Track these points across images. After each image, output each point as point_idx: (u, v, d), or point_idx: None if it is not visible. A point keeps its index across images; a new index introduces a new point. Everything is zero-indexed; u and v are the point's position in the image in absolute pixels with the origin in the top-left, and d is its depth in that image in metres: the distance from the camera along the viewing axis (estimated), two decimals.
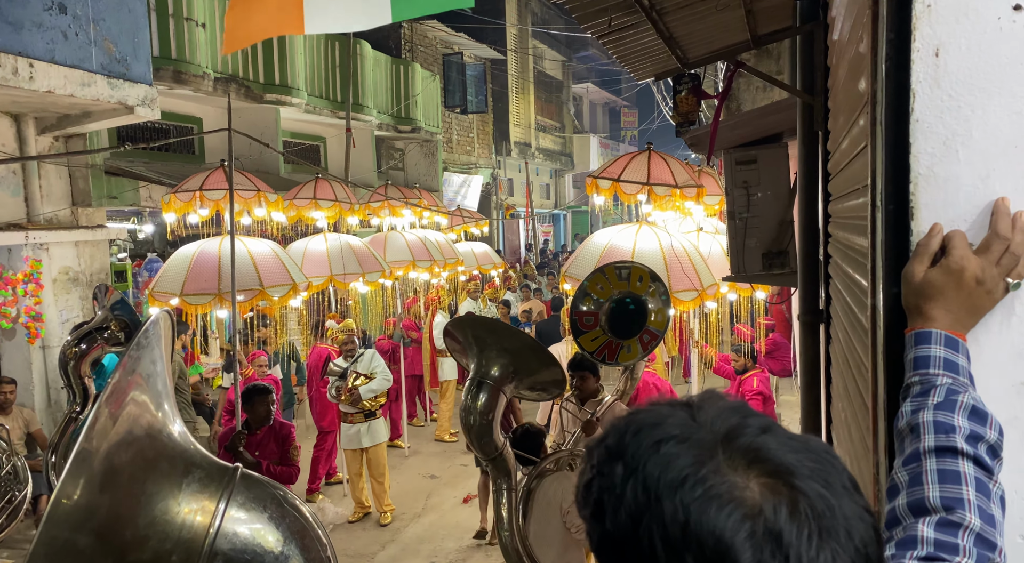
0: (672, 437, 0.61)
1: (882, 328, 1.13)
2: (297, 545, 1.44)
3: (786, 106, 3.72)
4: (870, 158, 1.32)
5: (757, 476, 0.58)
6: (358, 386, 6.68)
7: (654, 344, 4.45)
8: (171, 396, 1.52)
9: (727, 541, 0.55)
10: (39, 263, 6.34)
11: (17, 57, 5.04)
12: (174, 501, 1.36)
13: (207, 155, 9.50)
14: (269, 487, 1.51)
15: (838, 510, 0.57)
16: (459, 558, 5.99)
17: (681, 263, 5.52)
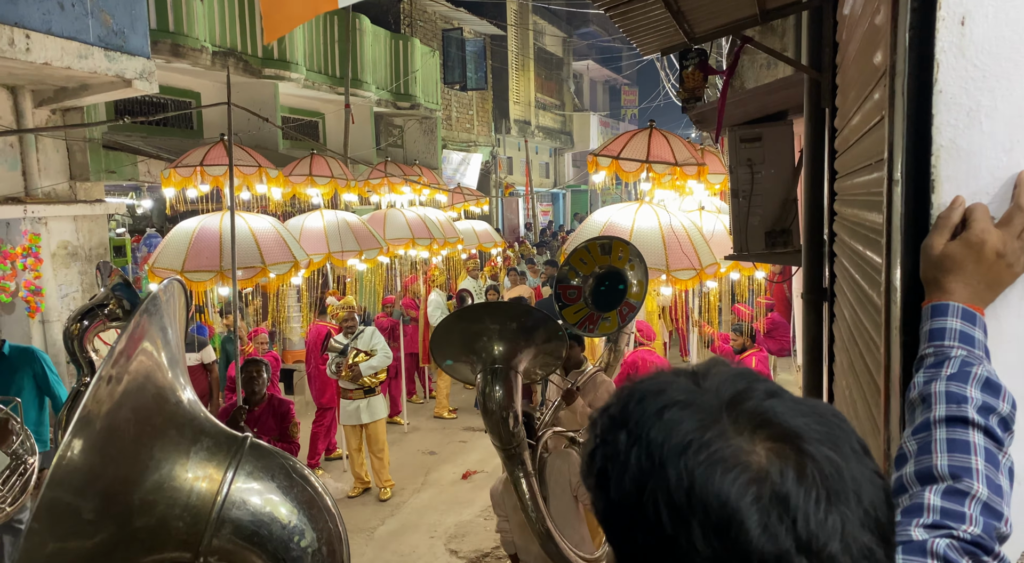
0: (676, 403, 0.60)
1: (899, 305, 1.12)
2: (305, 514, 1.44)
3: (793, 83, 3.68)
4: (887, 131, 1.31)
5: (763, 440, 0.57)
6: (358, 363, 6.70)
7: (632, 316, 4.53)
8: (181, 364, 1.51)
9: (733, 505, 0.54)
10: (38, 237, 6.30)
11: (13, 28, 4.96)
12: (182, 467, 1.36)
13: (205, 130, 9.42)
14: (278, 457, 1.51)
15: (847, 473, 0.56)
16: (458, 533, 6.04)
17: (680, 241, 5.52)
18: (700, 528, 0.54)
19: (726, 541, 0.53)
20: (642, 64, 25.48)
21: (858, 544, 0.54)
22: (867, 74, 1.80)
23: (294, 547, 1.40)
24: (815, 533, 0.53)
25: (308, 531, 1.42)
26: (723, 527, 0.53)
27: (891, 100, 1.27)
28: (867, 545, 0.54)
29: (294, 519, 1.42)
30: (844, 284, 2.46)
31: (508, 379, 3.53)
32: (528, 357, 3.69)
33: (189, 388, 1.50)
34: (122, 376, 1.32)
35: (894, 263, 1.24)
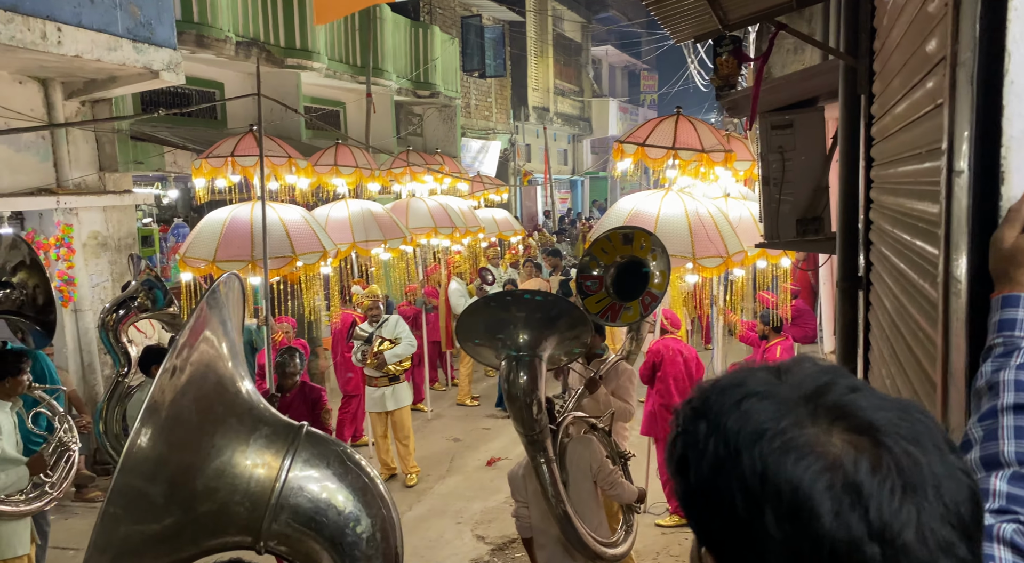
0: (755, 394, 0.61)
1: (963, 298, 1.12)
2: (360, 501, 1.48)
3: (826, 69, 3.64)
4: (947, 121, 1.30)
5: (841, 431, 0.58)
6: (383, 350, 6.76)
7: (654, 305, 4.53)
8: (240, 355, 1.55)
9: (805, 491, 0.54)
10: (70, 228, 6.40)
11: (45, 21, 5.02)
12: (242, 455, 1.40)
13: (229, 120, 9.48)
14: (333, 445, 1.54)
15: (926, 468, 0.56)
16: (484, 519, 6.10)
17: (706, 229, 5.48)
18: (773, 513, 0.55)
19: (798, 526, 0.55)
20: (662, 49, 25.23)
21: (936, 537, 0.54)
22: (917, 62, 1.78)
23: (349, 532, 1.43)
24: (888, 522, 0.53)
25: (363, 517, 1.46)
26: (795, 512, 0.55)
27: (952, 89, 1.26)
28: (947, 538, 0.54)
29: (350, 505, 1.46)
30: (884, 273, 2.45)
31: (533, 366, 3.55)
32: (553, 344, 3.71)
33: (248, 379, 1.54)
34: (185, 367, 1.36)
35: (954, 255, 1.24)
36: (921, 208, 1.70)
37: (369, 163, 7.89)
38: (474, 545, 5.70)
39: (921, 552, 0.54)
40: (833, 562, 0.54)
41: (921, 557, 0.54)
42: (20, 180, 6.19)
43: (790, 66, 6.68)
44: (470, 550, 5.62)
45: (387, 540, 1.50)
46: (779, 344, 6.49)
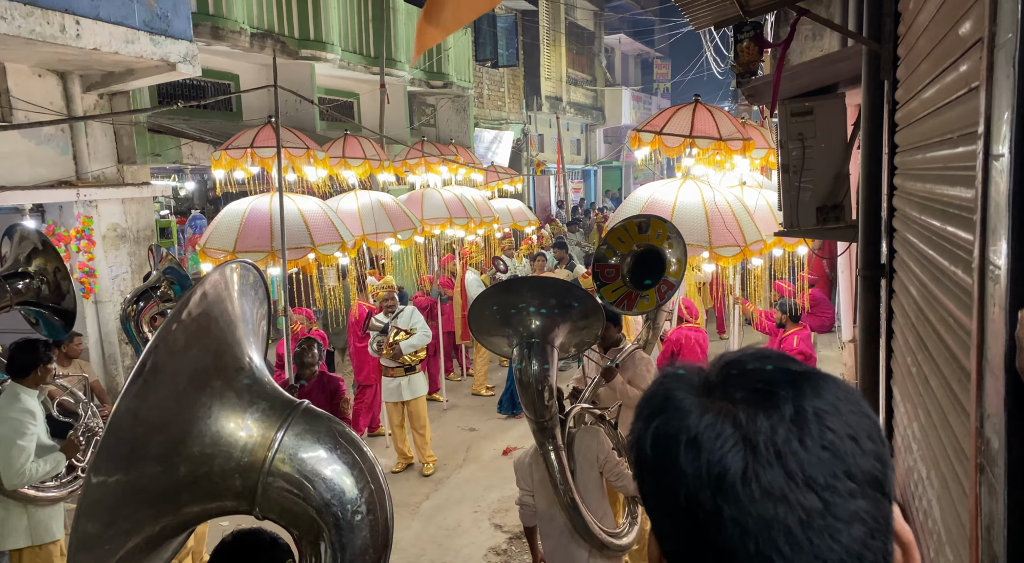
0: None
1: (1004, 281, 1.11)
2: (349, 474, 1.53)
3: (848, 55, 3.59)
4: (983, 104, 1.28)
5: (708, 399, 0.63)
6: (399, 341, 6.79)
7: (670, 293, 4.52)
8: (252, 334, 1.58)
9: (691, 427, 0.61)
10: (90, 220, 6.46)
11: (64, 14, 5.06)
12: (238, 425, 1.46)
13: (245, 112, 9.52)
14: (328, 422, 1.58)
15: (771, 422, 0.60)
16: (501, 507, 6.13)
17: (724, 218, 5.44)
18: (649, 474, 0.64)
19: (662, 475, 0.62)
20: (676, 37, 25.02)
21: (773, 483, 0.58)
22: (948, 44, 1.76)
23: (336, 503, 1.48)
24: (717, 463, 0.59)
25: (351, 489, 1.52)
26: (659, 466, 0.63)
27: (989, 72, 1.24)
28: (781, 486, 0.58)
29: (339, 478, 1.52)
30: (910, 260, 2.42)
31: (544, 353, 3.57)
32: (565, 332, 3.72)
33: (258, 359, 1.57)
34: (181, 338, 1.41)
35: (992, 240, 1.22)
36: (953, 194, 1.68)
37: (378, 153, 7.88)
38: (491, 533, 5.74)
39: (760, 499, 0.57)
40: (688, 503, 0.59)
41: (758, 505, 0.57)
42: (41, 173, 6.25)
43: (808, 52, 6.60)
44: (488, 538, 5.65)
45: (374, 512, 1.54)
46: (796, 333, 6.45)
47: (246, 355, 1.55)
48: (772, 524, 0.56)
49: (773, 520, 0.57)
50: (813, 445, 0.58)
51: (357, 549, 1.47)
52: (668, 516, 0.62)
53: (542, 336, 3.59)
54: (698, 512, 0.58)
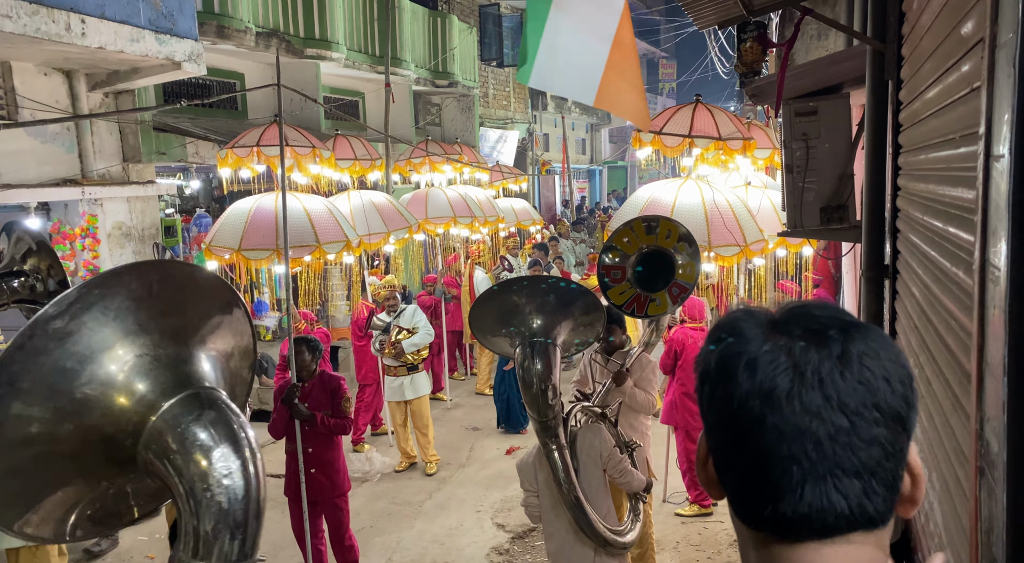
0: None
1: (1003, 283, 1.10)
2: (219, 460, 1.59)
3: (853, 54, 3.58)
4: (984, 104, 1.27)
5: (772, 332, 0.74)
6: (401, 340, 6.79)
7: (684, 297, 4.46)
8: (193, 330, 1.71)
9: (726, 364, 0.73)
10: (95, 218, 6.49)
11: (69, 13, 5.07)
12: (127, 399, 1.60)
13: (250, 111, 9.54)
14: (220, 411, 1.65)
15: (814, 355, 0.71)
16: (504, 507, 6.13)
17: (723, 217, 5.41)
18: (710, 382, 0.75)
19: (716, 387, 0.74)
20: (681, 37, 24.97)
21: (808, 403, 0.69)
22: (950, 45, 1.75)
23: (199, 484, 1.56)
24: (767, 385, 0.71)
25: (215, 478, 1.57)
26: (718, 377, 0.75)
27: (990, 72, 1.23)
28: (816, 405, 0.70)
29: (207, 460, 1.58)
30: (913, 261, 2.41)
31: (547, 352, 3.56)
32: (567, 330, 3.71)
33: (171, 347, 1.67)
34: (69, 324, 1.54)
35: (992, 241, 1.21)
36: (954, 194, 1.67)
37: (369, 153, 7.82)
38: (494, 533, 5.74)
39: (795, 415, 0.69)
40: (730, 415, 0.72)
41: (794, 419, 0.69)
42: (46, 171, 6.28)
43: (813, 52, 6.57)
44: (490, 538, 5.65)
45: (232, 502, 1.59)
46: None
47: (144, 341, 1.64)
48: (805, 434, 0.69)
49: (807, 431, 0.69)
50: (851, 378, 0.69)
51: (210, 524, 1.55)
52: (720, 418, 0.74)
53: (544, 334, 3.59)
54: (746, 416, 0.70)
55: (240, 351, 1.90)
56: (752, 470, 0.71)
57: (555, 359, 3.60)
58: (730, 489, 0.75)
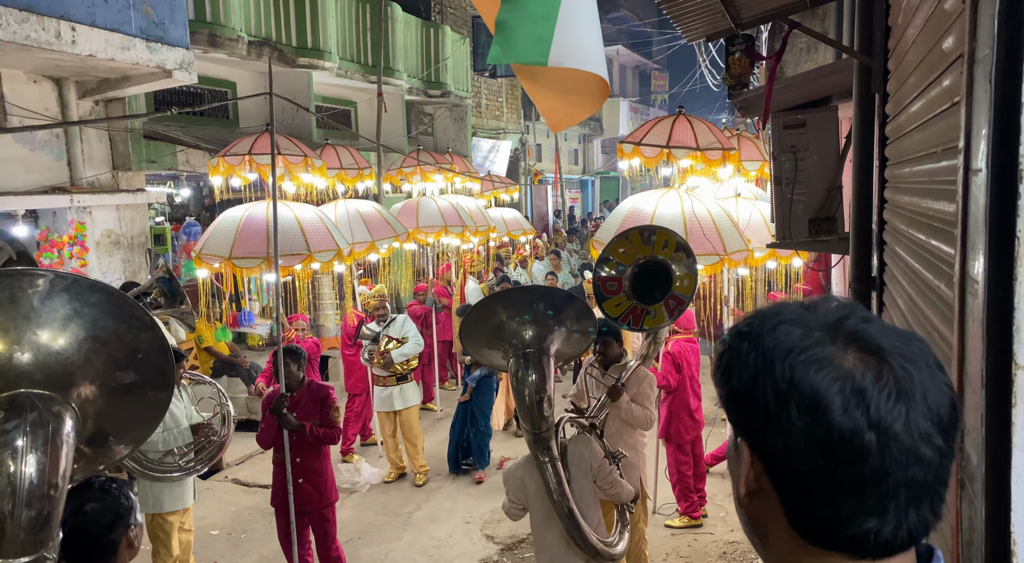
0: (787, 320, 0.76)
1: (981, 296, 1.11)
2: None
3: (840, 68, 3.61)
4: (963, 119, 1.28)
5: (854, 351, 0.72)
6: (390, 350, 6.76)
7: (680, 310, 4.41)
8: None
9: (822, 393, 0.70)
10: (83, 226, 6.45)
11: (60, 20, 5.07)
12: None
13: (241, 120, 9.53)
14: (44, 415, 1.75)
15: (917, 379, 0.71)
16: (493, 519, 6.10)
17: (703, 227, 5.44)
18: (796, 408, 0.71)
19: (815, 418, 0.70)
20: (673, 49, 25.16)
21: (919, 429, 0.70)
22: (933, 59, 1.77)
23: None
24: (883, 417, 0.69)
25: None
26: (813, 408, 0.70)
27: (969, 86, 1.24)
28: (927, 431, 0.70)
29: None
30: (899, 273, 2.42)
31: (540, 363, 3.55)
32: (560, 339, 3.70)
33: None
34: None
35: (971, 254, 1.22)
36: (937, 207, 1.68)
37: (357, 163, 7.80)
38: (483, 545, 5.70)
39: (907, 440, 0.69)
40: (840, 446, 0.70)
41: (906, 444, 0.69)
42: (34, 179, 6.25)
43: (803, 65, 6.64)
44: (479, 550, 5.62)
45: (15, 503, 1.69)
46: None
47: None
48: (919, 459, 0.70)
49: (920, 455, 0.70)
50: (938, 394, 0.71)
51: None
52: (815, 445, 0.71)
53: (537, 345, 3.57)
54: (859, 446, 0.69)
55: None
56: (853, 494, 0.70)
57: (549, 370, 3.58)
58: (799, 508, 0.74)
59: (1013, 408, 1.07)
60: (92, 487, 2.10)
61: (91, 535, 2.03)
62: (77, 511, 2.03)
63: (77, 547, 2.02)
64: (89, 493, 2.08)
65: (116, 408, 1.96)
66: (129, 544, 2.11)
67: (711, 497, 6.08)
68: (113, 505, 2.08)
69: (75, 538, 2.00)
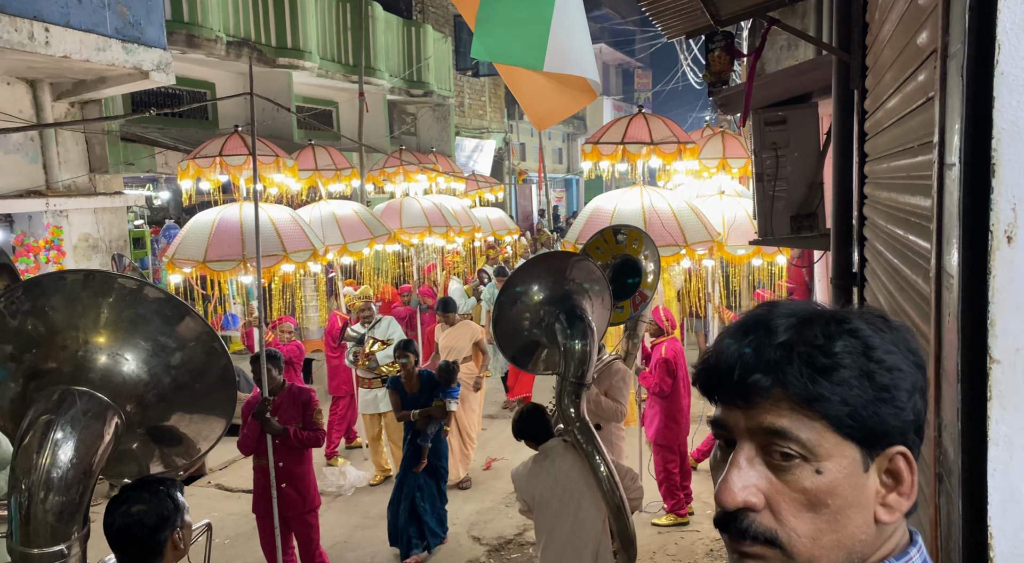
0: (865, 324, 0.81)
1: (956, 291, 1.10)
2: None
3: (819, 64, 3.62)
4: (937, 113, 1.28)
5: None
6: (375, 351, 6.71)
7: (644, 304, 4.60)
8: None
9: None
10: (60, 230, 6.36)
11: (33, 21, 4.98)
12: None
13: (220, 121, 9.44)
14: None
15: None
16: (480, 520, 6.08)
17: (662, 219, 5.58)
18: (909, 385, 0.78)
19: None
20: (656, 47, 25.24)
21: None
22: (908, 55, 1.77)
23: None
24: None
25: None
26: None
27: (943, 81, 1.24)
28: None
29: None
30: (879, 269, 2.43)
31: (574, 310, 3.68)
32: (584, 297, 3.83)
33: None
34: None
35: (946, 249, 1.22)
36: (914, 203, 1.69)
37: (335, 163, 7.70)
38: (470, 546, 5.68)
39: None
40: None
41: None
42: (9, 182, 6.14)
43: (784, 62, 6.67)
44: (466, 551, 5.60)
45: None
46: None
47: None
48: None
49: None
50: None
51: None
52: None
53: (569, 299, 3.71)
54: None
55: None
56: None
57: (590, 305, 3.75)
58: None
59: (989, 402, 1.07)
60: (141, 488, 2.14)
61: (137, 536, 2.07)
62: (125, 513, 2.08)
63: (124, 547, 2.09)
64: (137, 495, 2.12)
65: (171, 419, 2.08)
66: (175, 546, 2.14)
67: (697, 495, 6.10)
68: (159, 508, 2.11)
69: (122, 538, 2.08)
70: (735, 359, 0.78)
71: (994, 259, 1.04)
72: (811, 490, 0.75)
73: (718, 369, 0.79)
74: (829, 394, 0.74)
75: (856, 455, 0.76)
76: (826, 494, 0.75)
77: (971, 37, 1.06)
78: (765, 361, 0.76)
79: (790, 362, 0.75)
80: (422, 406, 5.49)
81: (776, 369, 0.76)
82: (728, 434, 0.80)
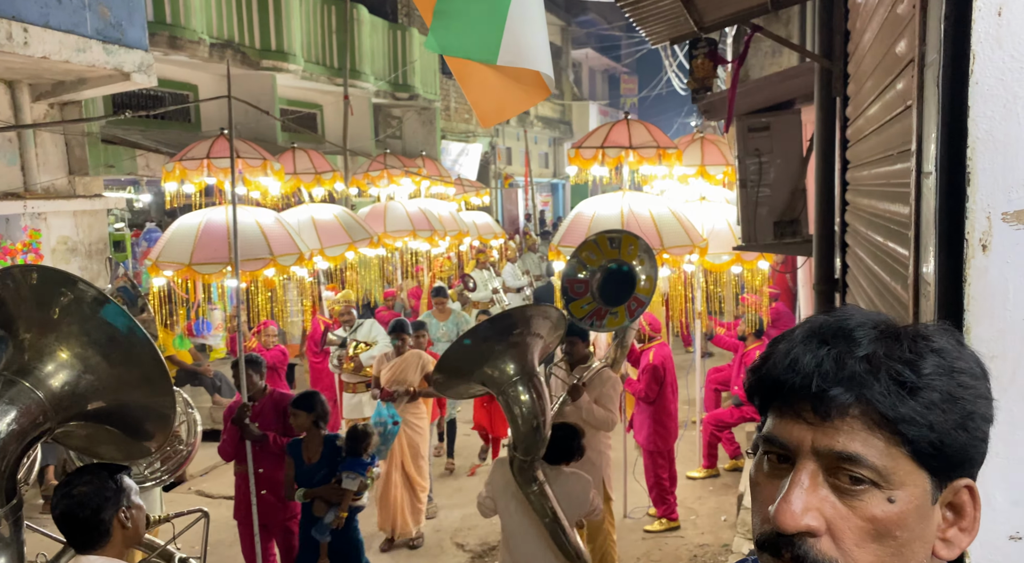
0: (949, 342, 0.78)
1: (932, 297, 1.10)
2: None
3: (802, 71, 3.65)
4: (915, 122, 1.28)
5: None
6: (359, 353, 6.67)
7: (640, 310, 4.55)
8: None
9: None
10: (38, 233, 6.27)
11: (11, 21, 4.91)
12: None
13: (203, 123, 9.36)
14: None
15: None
16: (464, 526, 6.05)
17: (639, 223, 5.58)
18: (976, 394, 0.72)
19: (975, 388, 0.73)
20: (641, 52, 25.37)
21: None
22: (888, 63, 1.77)
23: None
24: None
25: None
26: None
27: (920, 90, 1.24)
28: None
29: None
30: (859, 275, 2.44)
31: (530, 386, 3.42)
32: (539, 350, 3.62)
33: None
34: None
35: (924, 256, 1.22)
36: (893, 210, 1.69)
37: (315, 167, 7.63)
38: (454, 553, 5.64)
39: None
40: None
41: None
42: None
43: (768, 69, 6.72)
44: (450, 558, 5.56)
45: None
46: (757, 348, 6.50)
47: None
48: None
49: None
50: None
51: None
52: None
53: (521, 370, 3.39)
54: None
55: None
56: None
57: (543, 388, 3.47)
58: None
59: None
60: (84, 473, 2.29)
61: (79, 517, 2.19)
62: (67, 495, 2.21)
63: (70, 527, 2.22)
64: (79, 478, 2.25)
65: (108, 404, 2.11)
66: (122, 525, 2.24)
67: (681, 501, 6.09)
68: (101, 489, 2.22)
69: (66, 520, 2.21)
70: (811, 369, 0.70)
71: (969, 267, 1.04)
72: (881, 519, 0.69)
73: (788, 379, 0.71)
74: (917, 416, 0.67)
75: (927, 485, 0.70)
76: (895, 525, 0.69)
77: (947, 47, 1.06)
78: (849, 374, 0.69)
79: (877, 378, 0.68)
80: (319, 482, 4.20)
81: (860, 384, 0.68)
82: (782, 451, 0.73)
